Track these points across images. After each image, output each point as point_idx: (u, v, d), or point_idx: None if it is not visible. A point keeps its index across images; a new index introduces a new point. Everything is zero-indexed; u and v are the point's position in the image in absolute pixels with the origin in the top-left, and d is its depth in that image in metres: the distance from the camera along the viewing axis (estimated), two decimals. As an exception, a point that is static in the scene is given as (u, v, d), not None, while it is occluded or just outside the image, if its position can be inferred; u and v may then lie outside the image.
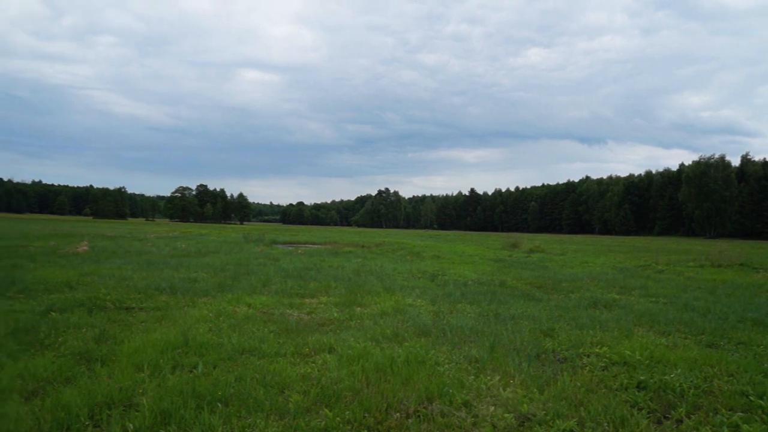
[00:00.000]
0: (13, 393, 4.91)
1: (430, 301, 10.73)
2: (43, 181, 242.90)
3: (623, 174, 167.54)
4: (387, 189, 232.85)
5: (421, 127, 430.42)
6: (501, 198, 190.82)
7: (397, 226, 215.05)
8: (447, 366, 6.13)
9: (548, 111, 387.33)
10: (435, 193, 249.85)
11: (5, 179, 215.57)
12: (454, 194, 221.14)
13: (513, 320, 8.84)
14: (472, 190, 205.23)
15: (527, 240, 42.91)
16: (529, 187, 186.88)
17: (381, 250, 28.78)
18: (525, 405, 5.01)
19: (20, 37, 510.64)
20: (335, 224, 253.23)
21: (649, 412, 5.04)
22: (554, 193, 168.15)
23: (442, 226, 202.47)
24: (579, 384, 5.63)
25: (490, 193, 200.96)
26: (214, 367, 5.82)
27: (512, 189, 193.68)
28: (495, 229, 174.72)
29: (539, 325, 8.39)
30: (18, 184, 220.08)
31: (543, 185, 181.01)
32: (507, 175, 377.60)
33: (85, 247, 21.66)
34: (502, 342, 7.21)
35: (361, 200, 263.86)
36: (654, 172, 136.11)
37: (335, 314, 9.06)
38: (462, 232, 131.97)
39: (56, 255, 18.35)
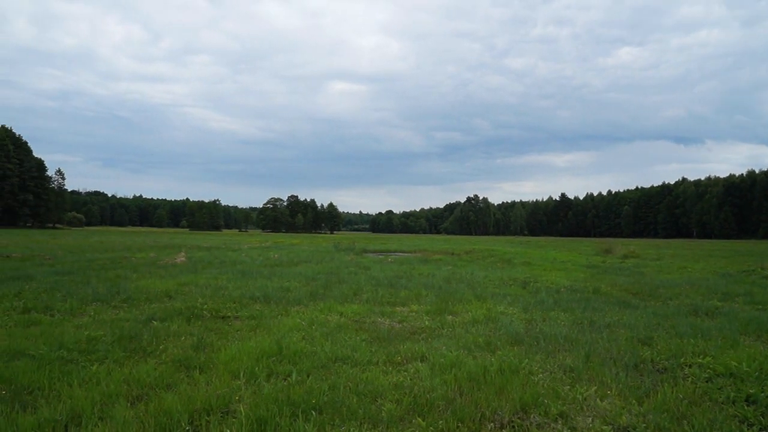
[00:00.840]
0: (120, 397, 5.16)
1: (522, 308, 10.45)
2: (144, 196, 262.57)
3: (723, 174, 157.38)
4: (476, 196, 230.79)
5: (510, 133, 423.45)
6: (593, 202, 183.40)
7: (486, 233, 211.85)
8: (541, 375, 5.91)
9: (641, 111, 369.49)
10: (525, 199, 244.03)
11: (110, 195, 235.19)
12: (545, 199, 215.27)
13: (608, 328, 8.45)
14: (563, 195, 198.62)
15: (621, 245, 40.96)
16: (622, 190, 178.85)
17: (471, 258, 28.45)
18: (623, 417, 4.76)
19: (123, 62, 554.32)
20: (424, 232, 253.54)
21: (760, 429, 4.65)
22: (649, 196, 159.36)
23: (533, 233, 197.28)
24: (681, 396, 5.28)
25: (581, 197, 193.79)
26: (308, 376, 5.87)
27: (604, 193, 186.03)
28: (587, 235, 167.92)
29: (636, 334, 7.97)
30: (121, 199, 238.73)
31: (637, 188, 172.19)
32: (599, 178, 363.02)
33: (183, 258, 22.75)
34: (597, 351, 6.89)
35: (450, 208, 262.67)
36: (758, 171, 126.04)
37: (426, 322, 8.97)
38: (553, 238, 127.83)
39: (156, 266, 19.28)
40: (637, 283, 15.43)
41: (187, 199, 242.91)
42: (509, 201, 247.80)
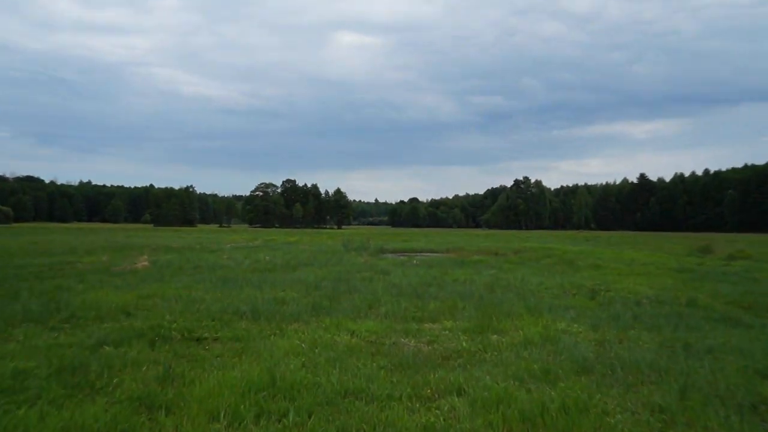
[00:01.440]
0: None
1: (591, 326, 10.40)
2: (93, 182, 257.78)
3: None
4: (526, 178, 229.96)
5: (570, 96, 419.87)
6: (684, 185, 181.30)
7: (540, 227, 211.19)
8: (620, 416, 5.82)
9: (753, 63, 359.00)
10: (591, 182, 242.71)
11: (48, 181, 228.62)
12: (617, 182, 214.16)
13: (711, 354, 8.33)
14: (642, 177, 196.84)
15: (725, 242, 40.54)
16: (724, 169, 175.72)
17: (521, 259, 28.43)
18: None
19: (63, 5, 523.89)
20: (459, 225, 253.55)
21: None
22: (763, 176, 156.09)
23: (602, 225, 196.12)
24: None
25: (667, 179, 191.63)
26: (310, 415, 5.83)
27: (699, 173, 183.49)
28: (676, 228, 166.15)
29: (752, 363, 7.82)
30: (63, 186, 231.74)
31: (746, 166, 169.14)
32: (692, 154, 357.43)
33: (145, 263, 22.83)
34: (697, 385, 6.77)
35: (493, 194, 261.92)
36: None
37: (464, 344, 8.95)
38: (630, 233, 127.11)
39: (109, 273, 19.34)
40: (749, 292, 15.24)
41: (151, 185, 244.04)
42: (570, 185, 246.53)
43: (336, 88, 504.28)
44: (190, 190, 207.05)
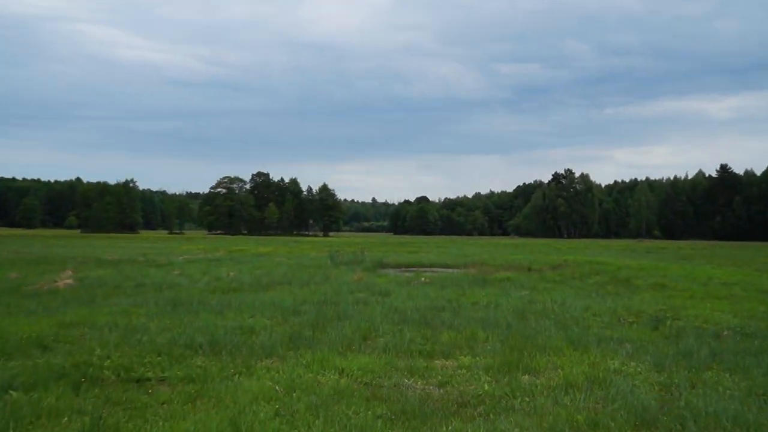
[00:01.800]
0: None
1: (653, 365, 10.35)
2: (0, 175, 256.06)
3: None
4: (569, 171, 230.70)
5: (628, 62, 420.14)
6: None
7: (587, 235, 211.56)
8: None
9: None
10: (654, 176, 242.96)
11: None
12: (690, 176, 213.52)
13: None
14: (724, 169, 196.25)
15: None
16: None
17: (561, 276, 28.44)
18: None
19: None
20: (481, 233, 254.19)
21: None
22: None
23: (669, 233, 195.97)
24: None
25: (758, 172, 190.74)
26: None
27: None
28: None
29: None
30: None
31: None
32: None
33: (69, 280, 22.71)
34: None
35: (525, 191, 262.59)
36: None
37: (486, 386, 8.97)
38: (705, 243, 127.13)
39: (20, 294, 19.27)
40: None
41: (78, 179, 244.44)
42: (627, 180, 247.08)
43: (321, 54, 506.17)
44: (131, 185, 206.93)
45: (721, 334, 13.25)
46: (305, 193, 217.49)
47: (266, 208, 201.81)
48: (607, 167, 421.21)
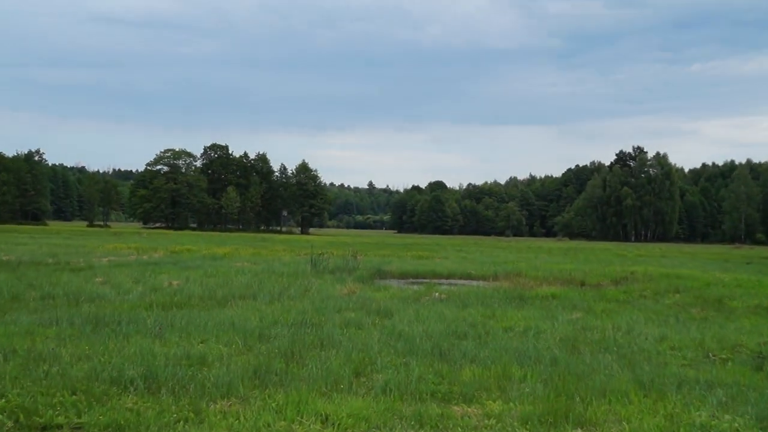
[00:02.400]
0: None
1: (756, 418, 10.29)
2: None
3: None
4: (640, 150, 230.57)
5: (724, 1, 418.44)
6: None
7: (664, 237, 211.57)
8: None
9: None
10: (758, 158, 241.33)
11: None
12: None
13: None
14: None
15: None
16: None
17: (627, 293, 28.44)
18: None
19: None
20: (517, 232, 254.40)
21: None
22: None
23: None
24: None
25: None
26: None
27: None
28: None
29: None
30: None
31: None
32: None
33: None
34: None
35: (578, 177, 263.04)
36: None
37: (523, 445, 8.91)
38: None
39: None
40: None
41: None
42: (719, 163, 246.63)
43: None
44: (36, 159, 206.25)
45: None
46: (277, 174, 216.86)
47: (224, 194, 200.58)
48: (693, 145, 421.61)
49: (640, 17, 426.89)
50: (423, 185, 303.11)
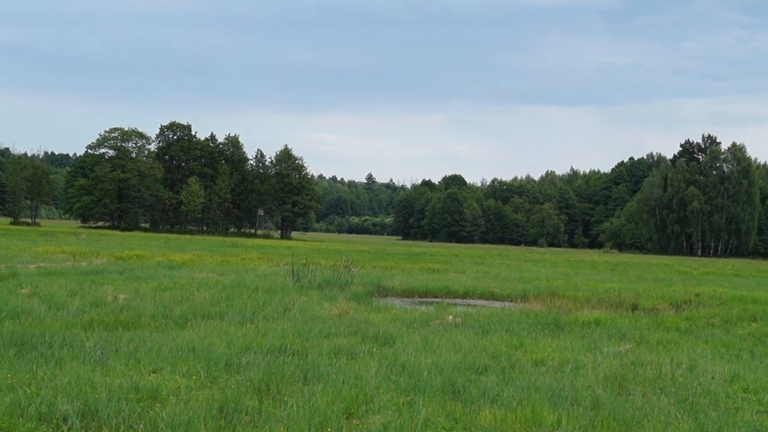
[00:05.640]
0: None
1: None
2: None
3: None
4: (711, 139, 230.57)
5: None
6: None
7: (739, 251, 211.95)
8: None
9: None
10: None
11: None
12: None
13: None
14: None
15: None
16: None
17: (689, 321, 28.45)
18: None
19: None
20: (553, 242, 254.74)
21: None
22: None
23: None
24: None
25: None
26: None
27: None
28: None
29: None
30: None
31: None
32: None
33: None
34: None
35: (632, 172, 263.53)
36: None
37: None
38: None
39: None
40: None
41: None
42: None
43: None
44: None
45: None
46: (252, 163, 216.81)
47: (184, 187, 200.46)
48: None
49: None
50: (436, 180, 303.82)
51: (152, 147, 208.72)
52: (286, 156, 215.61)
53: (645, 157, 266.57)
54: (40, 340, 17.57)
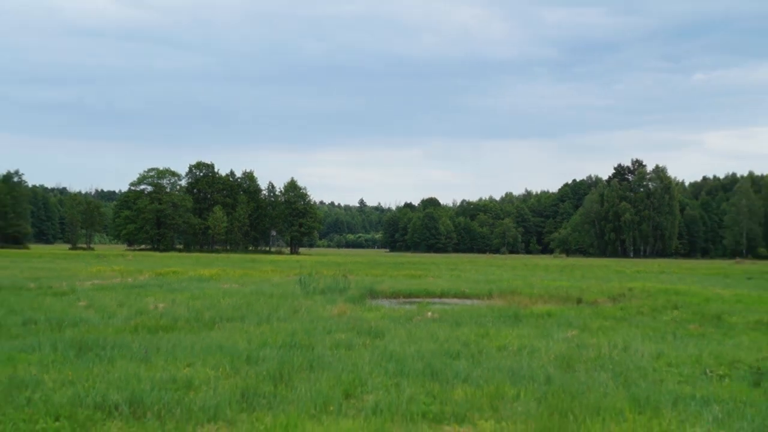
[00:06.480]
0: None
1: (750, 435, 10.41)
2: None
3: None
4: (639, 163, 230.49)
5: (728, 6, 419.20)
6: None
7: (663, 253, 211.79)
8: None
9: None
10: (760, 170, 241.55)
11: None
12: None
13: None
14: None
15: None
16: None
17: (625, 311, 28.56)
18: None
19: None
20: (513, 250, 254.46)
21: None
22: None
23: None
24: None
25: None
26: None
27: None
28: None
29: None
30: None
31: None
32: None
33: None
34: None
35: (575, 192, 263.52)
36: None
37: (515, 466, 8.99)
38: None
39: None
40: None
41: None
42: (720, 176, 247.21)
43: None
44: (15, 180, 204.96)
45: None
46: (265, 192, 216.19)
47: (210, 214, 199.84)
48: (694, 158, 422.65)
49: (641, 25, 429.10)
50: (416, 202, 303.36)
51: (183, 182, 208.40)
52: (292, 186, 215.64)
53: (585, 179, 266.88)
54: (95, 343, 17.57)
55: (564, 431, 10.35)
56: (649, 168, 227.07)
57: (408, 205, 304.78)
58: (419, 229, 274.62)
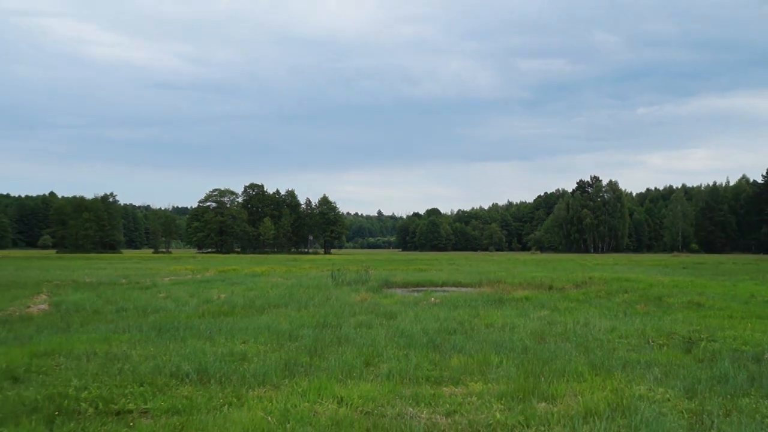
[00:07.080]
0: None
1: (684, 390, 10.46)
2: None
3: None
4: (596, 179, 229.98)
5: (664, 56, 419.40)
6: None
7: (617, 249, 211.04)
8: None
9: None
10: (692, 183, 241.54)
11: None
12: (732, 182, 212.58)
13: None
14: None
15: None
16: None
17: (586, 294, 28.47)
18: None
19: None
20: (498, 248, 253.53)
21: None
22: None
23: (708, 246, 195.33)
24: None
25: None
26: None
27: None
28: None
29: None
30: None
31: None
32: None
33: (44, 305, 22.94)
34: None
35: (547, 202, 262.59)
36: None
37: (498, 415, 9.05)
38: (750, 257, 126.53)
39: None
40: None
41: (52, 194, 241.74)
42: (661, 188, 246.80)
43: (319, 50, 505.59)
44: (110, 200, 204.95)
45: (761, 357, 13.20)
46: (304, 206, 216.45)
47: (261, 224, 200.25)
48: (639, 174, 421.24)
49: (595, 71, 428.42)
50: (422, 212, 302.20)
51: (239, 199, 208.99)
52: (325, 201, 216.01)
53: (554, 192, 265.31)
54: (171, 325, 17.66)
55: (537, 390, 10.33)
56: (605, 182, 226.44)
57: (416, 214, 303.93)
58: (425, 233, 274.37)
